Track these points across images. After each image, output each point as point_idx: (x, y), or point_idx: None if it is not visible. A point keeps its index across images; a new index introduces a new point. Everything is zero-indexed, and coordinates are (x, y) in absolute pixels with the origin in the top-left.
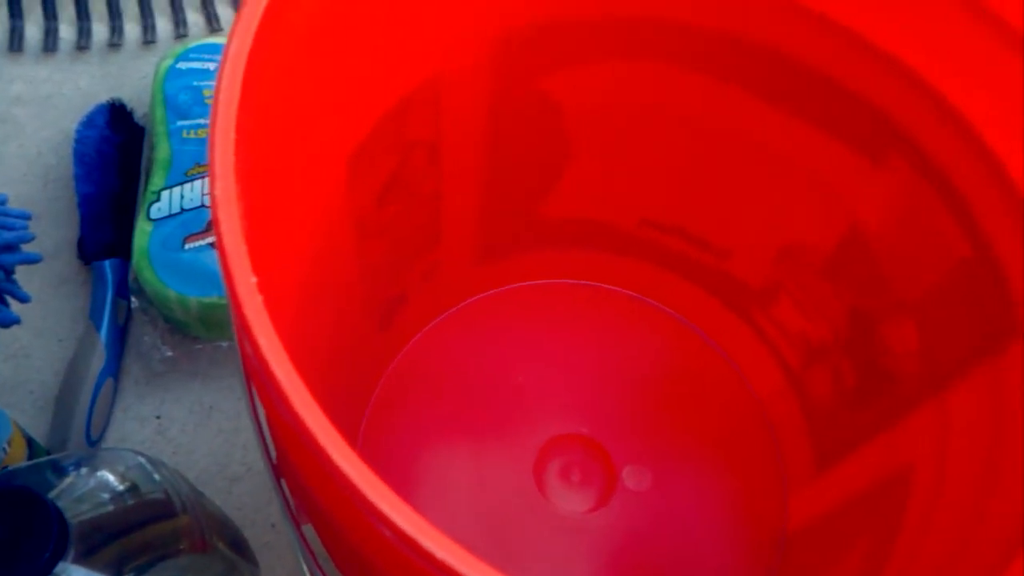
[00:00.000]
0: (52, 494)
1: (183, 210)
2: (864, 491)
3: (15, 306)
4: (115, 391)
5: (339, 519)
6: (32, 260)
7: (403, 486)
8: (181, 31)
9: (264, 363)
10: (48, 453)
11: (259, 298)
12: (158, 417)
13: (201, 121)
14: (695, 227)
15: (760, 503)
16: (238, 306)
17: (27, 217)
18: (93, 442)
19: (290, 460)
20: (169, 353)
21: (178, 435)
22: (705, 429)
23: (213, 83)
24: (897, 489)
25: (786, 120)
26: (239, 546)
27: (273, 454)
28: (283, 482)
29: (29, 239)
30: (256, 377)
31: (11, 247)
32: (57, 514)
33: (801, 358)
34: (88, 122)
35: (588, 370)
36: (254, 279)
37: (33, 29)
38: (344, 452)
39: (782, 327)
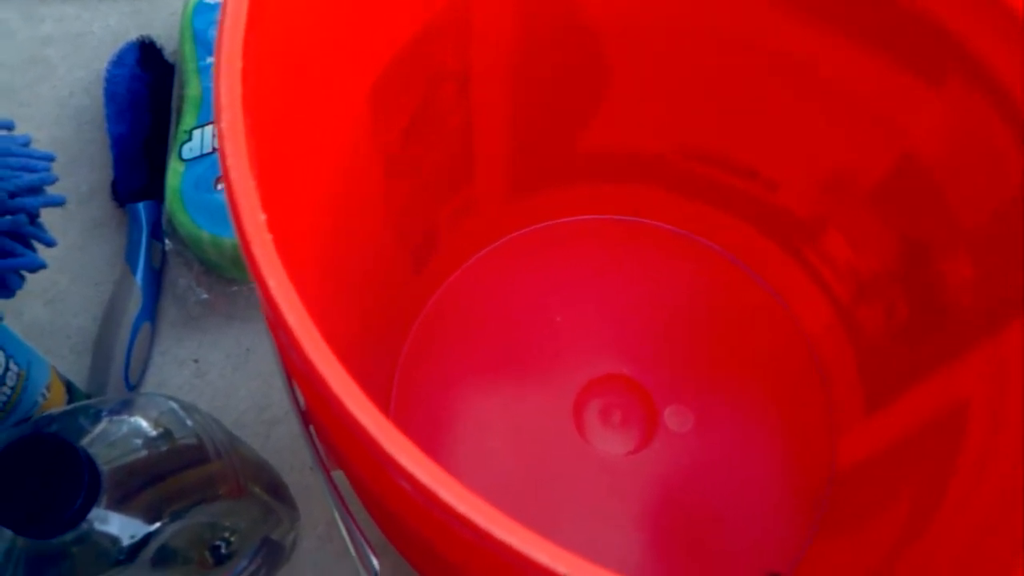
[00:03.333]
0: (85, 440)
1: (215, 149)
2: (916, 432)
3: (44, 251)
4: (152, 334)
5: (359, 469)
6: (56, 203)
7: (440, 429)
8: None
9: (273, 305)
10: (88, 398)
11: (268, 236)
12: (196, 360)
13: None
14: (739, 156)
15: (807, 444)
16: (246, 244)
17: (50, 159)
18: (132, 386)
19: (311, 407)
20: (205, 296)
21: (216, 379)
22: (751, 368)
23: None
24: (950, 431)
25: (836, 41)
26: (276, 490)
27: (301, 400)
28: (311, 428)
29: (52, 181)
30: (269, 320)
31: (34, 189)
32: (88, 460)
33: (851, 292)
34: (118, 61)
35: (629, 308)
36: (263, 216)
37: None
38: (358, 399)
39: (831, 260)
